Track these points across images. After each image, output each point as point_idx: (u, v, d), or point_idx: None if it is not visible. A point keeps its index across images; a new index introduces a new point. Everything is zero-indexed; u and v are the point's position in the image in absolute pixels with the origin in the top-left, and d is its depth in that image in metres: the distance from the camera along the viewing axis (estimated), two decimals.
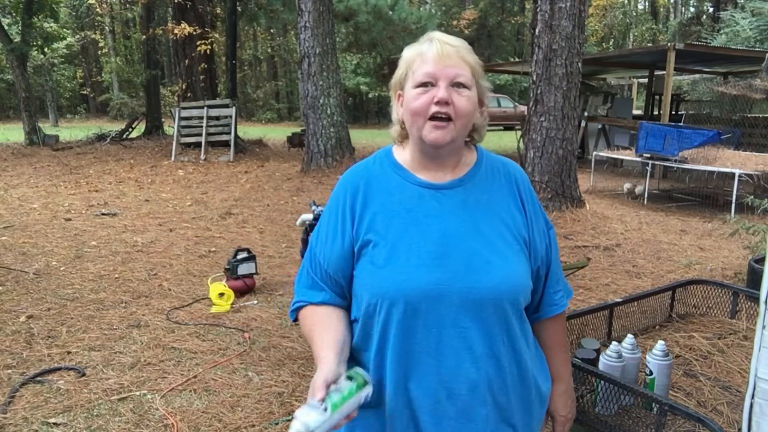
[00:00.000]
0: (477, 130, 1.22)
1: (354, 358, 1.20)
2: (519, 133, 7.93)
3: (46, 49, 17.16)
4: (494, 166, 1.25)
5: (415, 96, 1.12)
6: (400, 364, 1.12)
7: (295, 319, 1.27)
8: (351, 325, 1.21)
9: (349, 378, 1.04)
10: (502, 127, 23.14)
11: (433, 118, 1.10)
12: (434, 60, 1.11)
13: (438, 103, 1.09)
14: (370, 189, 1.20)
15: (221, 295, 4.00)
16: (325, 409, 0.96)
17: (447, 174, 1.19)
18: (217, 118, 12.79)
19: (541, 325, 1.29)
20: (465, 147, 1.23)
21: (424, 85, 1.12)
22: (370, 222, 1.16)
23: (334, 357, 1.09)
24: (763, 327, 1.33)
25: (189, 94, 14.45)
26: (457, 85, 1.11)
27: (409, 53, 1.17)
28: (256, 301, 4.15)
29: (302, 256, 3.39)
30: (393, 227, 1.15)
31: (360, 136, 18.10)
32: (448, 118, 1.10)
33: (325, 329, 1.17)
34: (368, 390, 1.04)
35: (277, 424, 2.59)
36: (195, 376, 3.02)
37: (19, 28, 14.96)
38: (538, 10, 6.77)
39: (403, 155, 1.23)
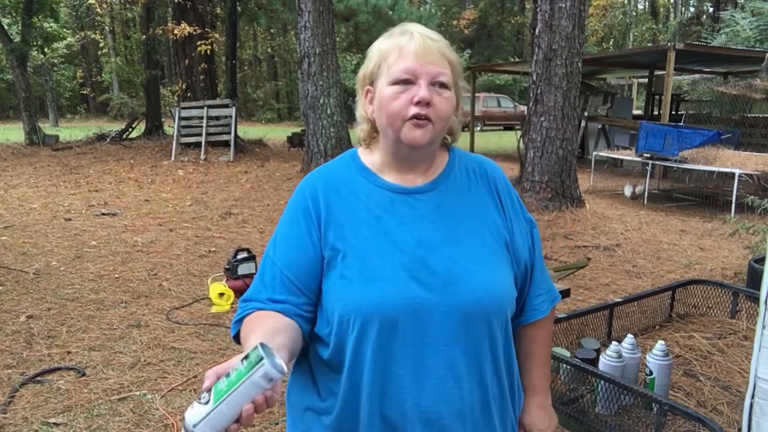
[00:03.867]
0: (453, 133, 1.14)
1: (325, 377, 1.07)
2: (519, 133, 7.93)
3: (46, 49, 17.14)
4: (469, 166, 1.16)
5: (392, 95, 1.02)
6: (375, 386, 1.01)
7: (237, 335, 1.08)
8: (301, 337, 1.05)
9: (246, 359, 0.83)
10: (502, 127, 23.12)
11: (412, 119, 1.01)
12: (415, 55, 1.01)
13: (418, 103, 1.00)
14: (335, 193, 1.09)
15: (221, 295, 4.00)
16: (207, 401, 0.80)
17: (418, 177, 1.10)
18: (217, 118, 12.79)
19: (521, 332, 1.20)
20: (438, 148, 1.14)
21: (402, 82, 1.01)
22: (336, 230, 1.06)
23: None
24: (763, 327, 1.33)
25: (189, 94, 14.44)
26: (438, 84, 1.02)
27: (384, 45, 1.05)
28: None
29: None
30: (362, 236, 1.04)
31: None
32: (428, 119, 1.01)
33: (261, 323, 1.01)
34: (264, 369, 0.80)
35: (276, 424, 2.59)
36: (195, 376, 3.02)
37: (19, 28, 14.96)
38: (538, 10, 6.77)
39: (370, 158, 1.12)
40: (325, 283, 1.05)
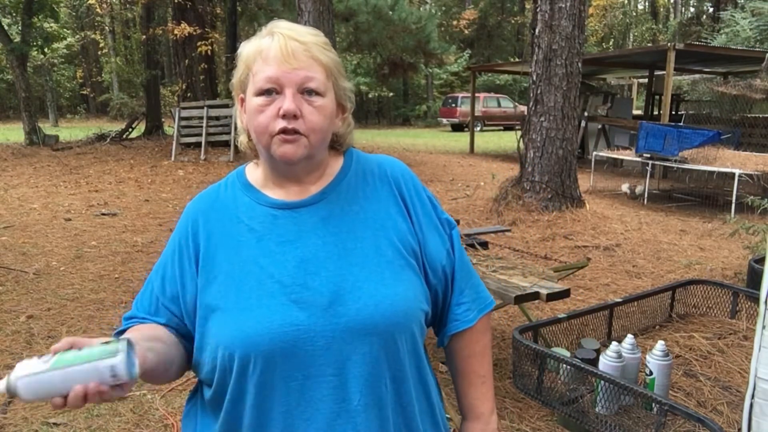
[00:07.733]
0: (340, 140, 1.04)
1: (207, 418, 0.99)
2: (519, 133, 7.94)
3: (46, 49, 17.10)
4: (367, 169, 1.04)
5: (258, 108, 0.92)
6: (256, 427, 0.91)
7: None
8: (179, 353, 0.99)
9: (106, 344, 0.80)
10: (502, 127, 23.14)
11: (279, 133, 0.91)
12: (277, 60, 0.90)
13: (285, 116, 0.90)
14: (216, 217, 1.00)
15: None
16: (46, 362, 0.76)
17: (305, 190, 1.00)
18: (217, 118, 12.79)
19: (451, 348, 1.08)
20: (330, 155, 1.04)
21: (266, 92, 0.91)
22: (214, 257, 0.97)
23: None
24: (763, 327, 1.33)
25: (189, 94, 14.45)
26: (307, 92, 0.92)
27: (247, 49, 0.96)
28: None
29: None
30: (240, 261, 0.94)
31: (360, 136, 18.10)
32: (298, 133, 0.91)
33: (140, 330, 0.95)
34: (113, 362, 0.77)
35: None
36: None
37: (19, 28, 14.95)
38: (538, 10, 6.77)
39: (255, 174, 1.04)
40: (204, 316, 0.95)
